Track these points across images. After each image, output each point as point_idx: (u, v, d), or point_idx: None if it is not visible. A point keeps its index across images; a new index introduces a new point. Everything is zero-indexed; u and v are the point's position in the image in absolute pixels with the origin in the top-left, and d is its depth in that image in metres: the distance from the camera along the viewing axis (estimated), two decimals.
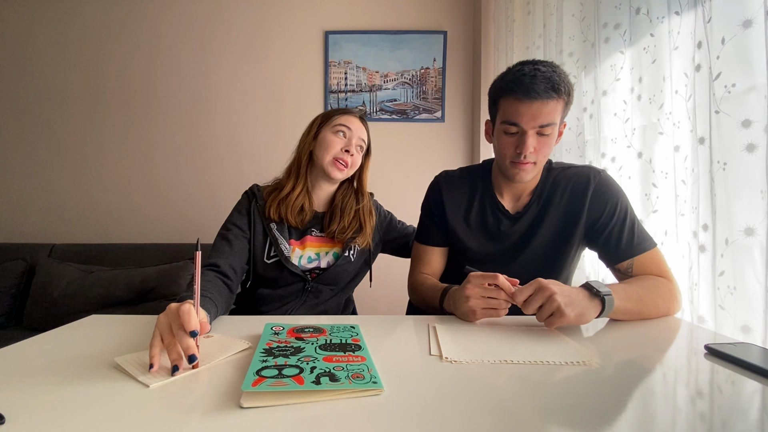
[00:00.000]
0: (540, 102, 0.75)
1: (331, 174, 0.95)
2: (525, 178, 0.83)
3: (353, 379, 0.45)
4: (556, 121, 0.78)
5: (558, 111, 0.77)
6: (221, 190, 2.08)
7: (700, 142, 0.78)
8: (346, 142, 0.96)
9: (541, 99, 0.74)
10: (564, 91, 0.76)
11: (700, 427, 0.39)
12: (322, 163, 0.95)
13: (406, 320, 0.74)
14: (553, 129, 0.78)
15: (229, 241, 0.91)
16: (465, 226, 0.93)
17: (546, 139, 0.79)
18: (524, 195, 0.90)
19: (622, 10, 1.00)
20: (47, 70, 2.06)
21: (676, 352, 0.61)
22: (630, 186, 0.99)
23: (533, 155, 0.79)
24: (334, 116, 0.98)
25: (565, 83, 0.77)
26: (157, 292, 1.68)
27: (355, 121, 0.99)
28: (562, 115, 0.80)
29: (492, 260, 0.91)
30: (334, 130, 0.96)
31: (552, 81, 0.74)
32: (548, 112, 0.76)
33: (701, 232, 0.78)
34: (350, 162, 0.96)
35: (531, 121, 0.76)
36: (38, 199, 2.08)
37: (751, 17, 0.66)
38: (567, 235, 0.86)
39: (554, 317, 0.63)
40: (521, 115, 0.77)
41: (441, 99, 2.08)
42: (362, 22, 2.06)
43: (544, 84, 0.74)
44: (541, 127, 0.77)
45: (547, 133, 0.78)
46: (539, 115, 0.76)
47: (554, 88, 0.74)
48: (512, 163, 0.81)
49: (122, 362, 0.51)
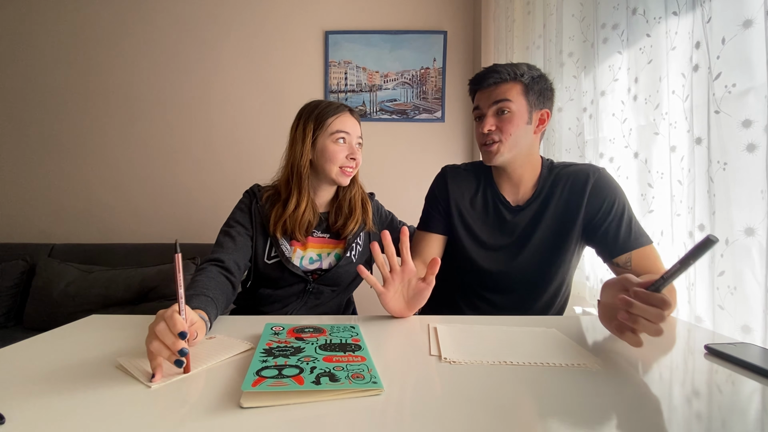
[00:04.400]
0: (492, 87, 0.86)
1: (341, 182, 0.95)
2: (495, 159, 0.87)
3: (353, 379, 0.45)
4: (511, 99, 0.84)
5: (513, 92, 0.85)
6: (221, 190, 2.08)
7: (696, 143, 0.78)
8: (349, 149, 0.95)
9: (490, 84, 0.86)
10: (515, 75, 0.85)
11: (701, 427, 0.39)
12: (330, 174, 0.94)
13: (406, 320, 0.74)
14: (510, 107, 0.84)
15: (232, 237, 0.91)
16: (472, 210, 0.95)
17: (507, 117, 0.85)
18: (525, 190, 0.92)
19: (620, 11, 1.00)
20: (47, 70, 2.06)
21: (676, 352, 0.61)
22: (627, 186, 0.99)
23: (497, 134, 0.85)
24: (328, 121, 0.94)
25: (516, 69, 0.85)
26: (157, 292, 1.68)
27: (349, 120, 0.96)
28: (525, 98, 0.85)
29: (497, 251, 0.93)
30: (333, 138, 0.93)
31: (497, 68, 0.86)
32: (500, 92, 0.85)
33: (697, 233, 0.78)
34: (355, 165, 0.96)
35: (486, 101, 0.87)
36: (38, 199, 2.08)
37: (752, 17, 0.66)
38: (566, 230, 0.87)
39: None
40: (480, 100, 0.89)
41: (441, 99, 2.08)
42: (362, 22, 2.06)
43: (490, 71, 0.86)
44: (496, 104, 0.85)
45: (505, 110, 0.84)
46: (491, 95, 0.86)
47: (497, 71, 0.85)
48: (482, 145, 0.89)
49: (124, 363, 0.51)
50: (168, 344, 0.48)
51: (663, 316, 0.50)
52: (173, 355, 0.48)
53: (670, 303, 0.50)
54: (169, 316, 0.49)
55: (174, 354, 0.48)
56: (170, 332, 0.48)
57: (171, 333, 0.48)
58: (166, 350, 0.48)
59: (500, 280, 0.93)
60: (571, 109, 1.25)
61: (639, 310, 0.51)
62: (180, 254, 0.51)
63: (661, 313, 0.50)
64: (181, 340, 0.48)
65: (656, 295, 0.51)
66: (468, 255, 0.94)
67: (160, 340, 0.48)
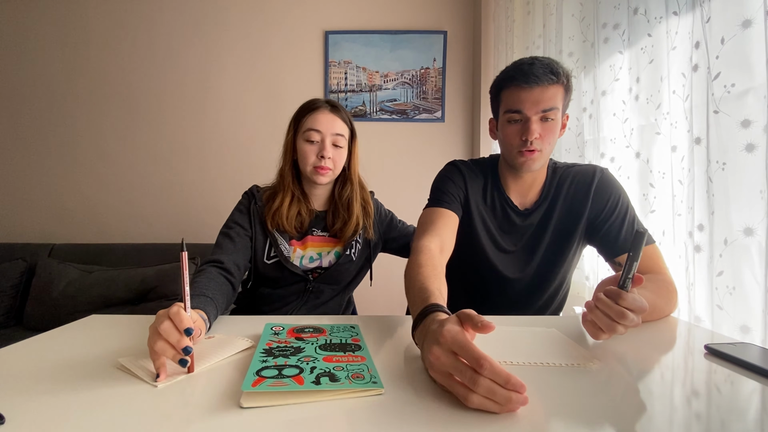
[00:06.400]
0: (541, 87, 0.76)
1: (317, 181, 0.94)
2: (533, 167, 0.82)
3: (353, 380, 0.45)
4: (559, 106, 0.78)
5: (559, 96, 0.78)
6: (221, 190, 2.08)
7: (696, 143, 0.78)
8: (319, 147, 0.93)
9: (541, 83, 0.76)
10: (563, 75, 0.78)
11: (701, 426, 0.39)
12: (306, 174, 0.95)
13: (406, 320, 0.74)
14: (556, 114, 0.78)
15: (231, 238, 0.91)
16: (486, 211, 0.91)
17: (550, 125, 0.79)
18: (532, 192, 0.90)
19: (621, 10, 1.01)
20: (47, 71, 2.05)
21: (676, 352, 0.61)
22: (629, 186, 0.99)
23: (539, 142, 0.79)
24: (302, 120, 0.94)
25: (563, 69, 0.78)
26: (157, 292, 1.68)
27: (323, 116, 0.93)
28: (563, 102, 0.80)
29: (508, 254, 0.90)
30: (304, 137, 0.93)
31: (550, 66, 0.77)
32: (549, 97, 0.77)
33: (697, 232, 0.79)
34: (331, 164, 0.93)
35: (534, 107, 0.77)
36: (38, 199, 2.08)
37: (751, 17, 0.66)
38: (571, 230, 0.87)
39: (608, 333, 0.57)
40: (523, 102, 0.78)
41: (441, 99, 2.08)
42: (362, 22, 2.06)
43: (542, 69, 0.76)
44: (544, 112, 0.77)
45: (551, 117, 0.78)
46: (541, 100, 0.77)
47: (553, 71, 0.76)
48: (519, 152, 0.81)
49: (126, 363, 0.51)
50: (173, 342, 0.47)
51: (623, 312, 0.54)
52: (178, 354, 0.48)
53: (620, 294, 0.54)
54: (175, 313, 0.49)
55: (179, 353, 0.47)
56: (175, 329, 0.48)
57: (176, 330, 0.48)
58: (170, 349, 0.48)
59: (515, 284, 0.91)
60: (571, 109, 1.25)
61: (601, 303, 0.56)
62: (186, 252, 0.51)
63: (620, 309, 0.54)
64: (186, 338, 0.48)
65: (614, 289, 0.56)
66: (487, 257, 0.89)
67: (165, 339, 0.48)
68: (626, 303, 0.54)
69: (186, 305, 0.51)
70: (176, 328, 0.48)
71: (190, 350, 0.48)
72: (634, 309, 0.54)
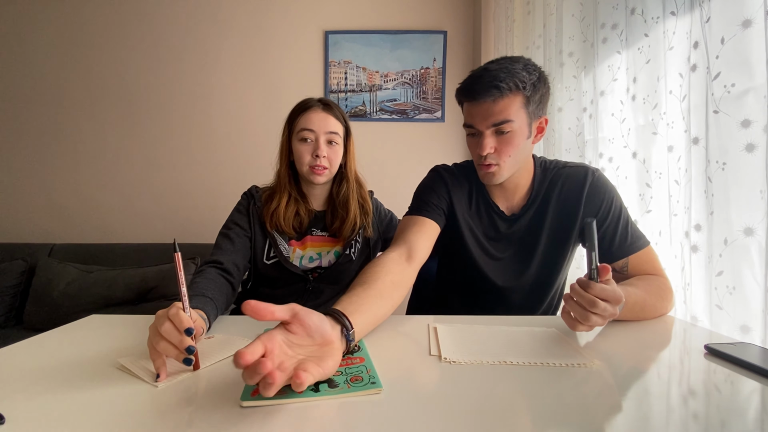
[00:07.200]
0: (488, 102, 0.73)
1: (314, 181, 0.94)
2: (493, 180, 0.81)
3: (352, 383, 0.45)
4: (513, 118, 0.74)
5: (514, 106, 0.73)
6: (221, 190, 2.08)
7: (693, 143, 0.78)
8: (314, 147, 0.93)
9: (486, 98, 0.73)
10: (516, 87, 0.72)
11: (701, 426, 0.39)
12: (302, 174, 0.96)
13: (406, 320, 0.74)
14: (512, 126, 0.74)
15: (231, 239, 0.91)
16: (471, 217, 0.88)
17: (507, 137, 0.75)
18: (517, 196, 0.87)
19: (619, 11, 1.01)
20: (47, 70, 2.06)
21: (676, 352, 0.61)
22: (626, 186, 0.99)
23: (495, 156, 0.77)
24: (295, 120, 0.95)
25: (517, 78, 0.72)
26: (157, 292, 1.68)
27: (316, 115, 0.93)
28: (526, 110, 0.75)
29: (499, 260, 0.88)
30: (299, 137, 0.93)
31: (497, 78, 0.72)
32: (500, 110, 0.73)
33: (693, 232, 0.79)
34: (327, 162, 0.94)
35: (483, 121, 0.75)
36: (38, 199, 2.08)
37: (751, 17, 0.66)
38: (566, 234, 0.85)
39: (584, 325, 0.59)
40: (474, 116, 0.76)
41: (441, 99, 2.08)
42: (362, 22, 2.06)
43: (487, 83, 0.72)
44: (496, 126, 0.74)
45: (506, 130, 0.74)
46: (490, 113, 0.74)
47: (497, 86, 0.71)
48: (478, 165, 0.81)
49: (127, 363, 0.51)
50: (175, 343, 0.47)
51: (593, 300, 0.56)
52: (181, 354, 0.47)
53: (589, 283, 0.57)
54: (174, 314, 0.49)
55: (182, 352, 0.47)
56: (176, 330, 0.48)
57: (177, 331, 0.48)
58: (173, 349, 0.47)
59: (512, 294, 0.88)
60: (571, 109, 1.25)
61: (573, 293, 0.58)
62: (179, 253, 0.51)
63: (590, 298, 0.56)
64: (187, 337, 0.48)
65: (583, 279, 0.58)
66: (476, 265, 0.87)
67: (167, 339, 0.47)
68: (594, 291, 0.56)
69: (184, 305, 0.51)
70: (177, 329, 0.48)
71: (194, 349, 0.48)
72: (605, 298, 0.56)
